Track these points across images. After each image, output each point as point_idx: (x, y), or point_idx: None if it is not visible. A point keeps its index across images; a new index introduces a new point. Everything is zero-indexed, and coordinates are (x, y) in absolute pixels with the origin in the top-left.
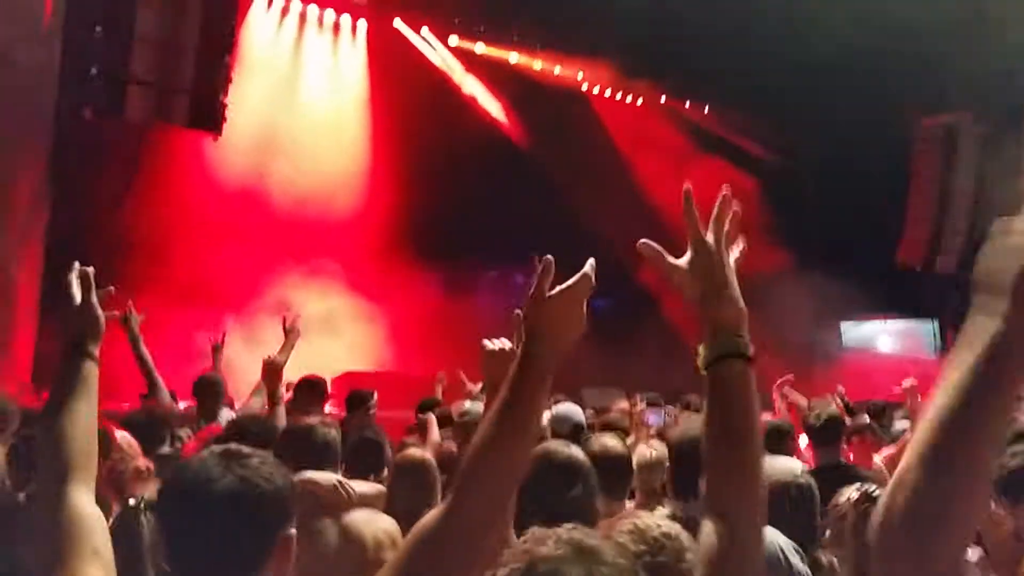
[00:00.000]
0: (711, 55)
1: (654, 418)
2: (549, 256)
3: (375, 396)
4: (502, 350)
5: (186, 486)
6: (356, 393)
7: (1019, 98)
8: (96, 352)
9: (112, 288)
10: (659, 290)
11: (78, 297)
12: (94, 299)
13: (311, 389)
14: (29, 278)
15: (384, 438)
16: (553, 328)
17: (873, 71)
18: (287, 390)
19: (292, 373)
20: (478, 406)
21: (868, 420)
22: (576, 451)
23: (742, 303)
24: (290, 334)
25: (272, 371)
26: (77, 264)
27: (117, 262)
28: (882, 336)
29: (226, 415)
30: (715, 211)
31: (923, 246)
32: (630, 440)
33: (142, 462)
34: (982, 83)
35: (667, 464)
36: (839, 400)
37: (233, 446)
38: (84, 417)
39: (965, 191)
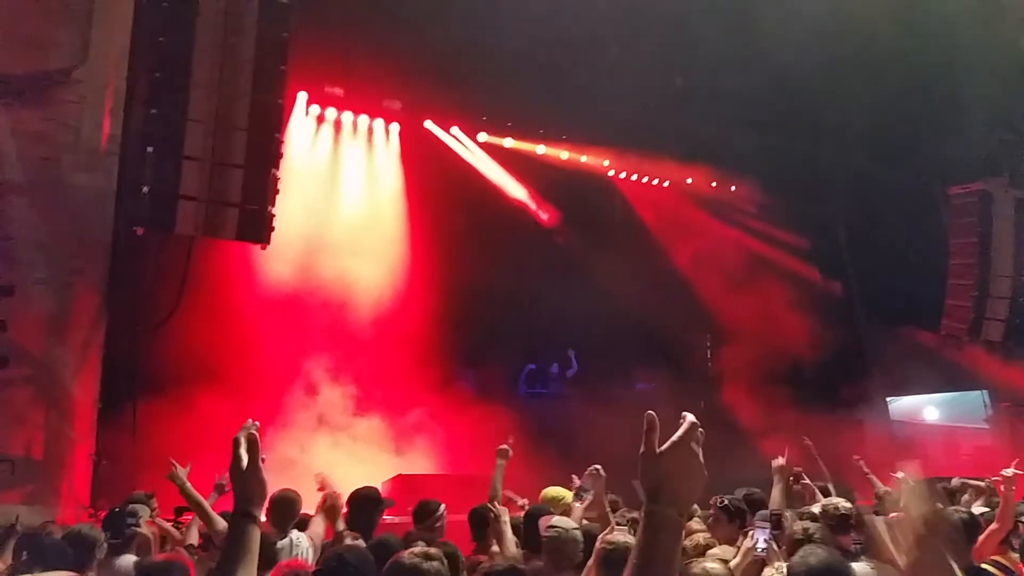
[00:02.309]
0: (737, 135)
1: (761, 538)
2: (651, 412)
3: (442, 508)
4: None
5: None
6: (423, 505)
7: None
8: (260, 514)
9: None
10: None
11: (246, 461)
12: (260, 463)
13: (366, 503)
14: (87, 396)
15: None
16: (674, 483)
17: (904, 143)
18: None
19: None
20: (565, 521)
21: None
22: None
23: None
24: (330, 511)
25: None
26: (250, 421)
27: (170, 373)
28: (928, 407)
29: (294, 536)
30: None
31: (967, 314)
32: (734, 561)
33: None
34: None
35: None
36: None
37: None
38: None
39: (1005, 256)
